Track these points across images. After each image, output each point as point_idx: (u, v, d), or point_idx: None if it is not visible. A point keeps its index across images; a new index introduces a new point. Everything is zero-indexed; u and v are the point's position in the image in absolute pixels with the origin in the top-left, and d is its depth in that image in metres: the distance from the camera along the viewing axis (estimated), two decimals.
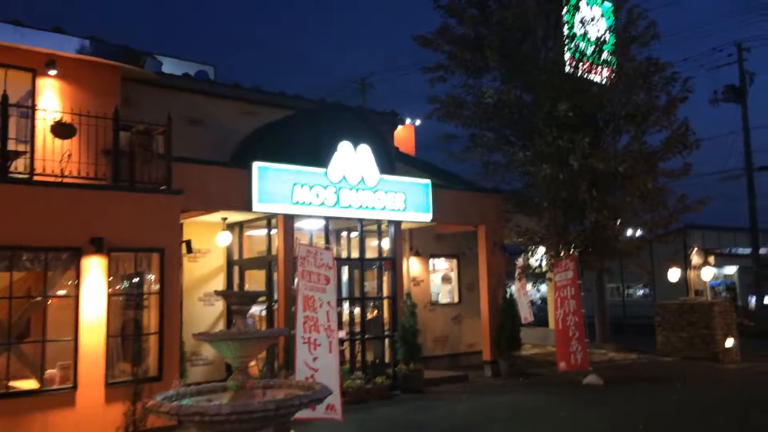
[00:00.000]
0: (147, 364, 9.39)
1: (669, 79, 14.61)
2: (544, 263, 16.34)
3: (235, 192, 11.22)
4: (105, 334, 8.87)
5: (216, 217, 12.11)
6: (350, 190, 12.50)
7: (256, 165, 11.36)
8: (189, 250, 11.48)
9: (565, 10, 15.19)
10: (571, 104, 13.71)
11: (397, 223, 13.55)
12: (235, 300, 6.49)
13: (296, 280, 8.77)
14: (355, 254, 13.88)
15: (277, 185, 11.60)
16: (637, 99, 14.72)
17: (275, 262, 12.02)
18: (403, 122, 16.76)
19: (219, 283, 13.10)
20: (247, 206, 11.25)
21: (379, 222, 13.61)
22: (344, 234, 14.90)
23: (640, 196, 14.31)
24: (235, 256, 13.16)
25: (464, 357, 16.75)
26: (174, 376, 9.22)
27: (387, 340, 13.53)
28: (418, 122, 22.20)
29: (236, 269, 13.15)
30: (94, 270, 8.76)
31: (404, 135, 20.12)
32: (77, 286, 8.73)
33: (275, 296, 12.06)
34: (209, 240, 12.71)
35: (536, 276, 17.12)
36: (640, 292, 38.20)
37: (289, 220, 11.88)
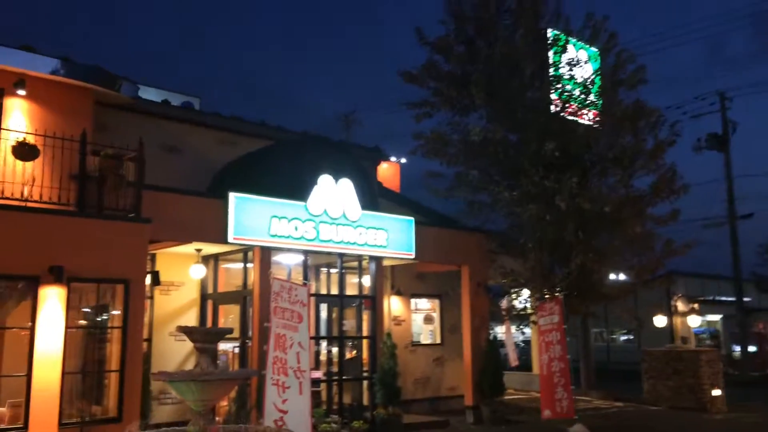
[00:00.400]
0: (106, 404, 8.76)
1: (655, 122, 14.48)
2: (528, 305, 15.92)
3: (211, 223, 10.76)
4: (61, 371, 8.25)
5: (190, 248, 11.61)
6: (330, 225, 12.08)
7: (233, 195, 10.94)
8: (157, 282, 10.96)
9: (552, 51, 15.10)
10: (558, 144, 13.48)
11: (378, 260, 13.12)
12: (198, 337, 5.99)
13: (270, 317, 8.27)
14: (335, 291, 13.38)
15: (254, 217, 11.16)
16: (623, 142, 14.55)
17: (250, 297, 11.50)
18: (386, 158, 16.48)
19: (192, 318, 12.53)
20: (222, 238, 10.77)
21: (360, 258, 13.18)
22: (324, 270, 14.43)
23: (629, 240, 14.01)
24: (210, 290, 12.61)
25: (445, 401, 16.15)
26: (134, 416, 8.61)
27: (366, 382, 12.95)
28: (403, 160, 21.97)
29: (210, 303, 12.59)
30: (52, 301, 8.18)
31: (389, 173, 19.85)
32: (33, 318, 8.14)
33: (249, 333, 11.49)
34: (182, 272, 12.17)
35: (520, 318, 16.66)
36: (624, 338, 37.86)
37: (266, 253, 11.40)
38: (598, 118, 15.17)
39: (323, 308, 14.11)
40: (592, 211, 13.52)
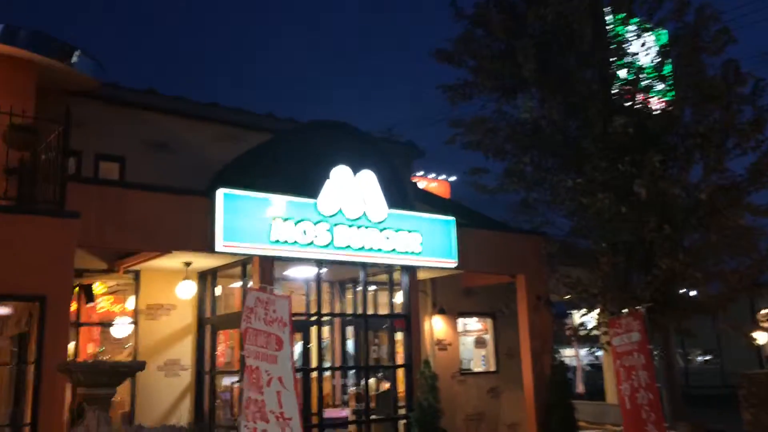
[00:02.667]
0: None
1: (754, 91, 11.62)
2: (595, 322, 13.22)
3: (194, 227, 8.59)
4: None
5: (177, 262, 9.46)
6: (349, 227, 9.76)
7: (221, 192, 8.75)
8: (90, 299, 8.82)
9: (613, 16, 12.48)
10: (631, 120, 10.83)
11: (411, 271, 10.69)
12: (82, 378, 3.71)
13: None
14: (369, 310, 10.98)
15: (249, 219, 8.93)
16: (713, 117, 11.74)
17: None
18: (422, 155, 14.09)
19: (187, 347, 10.35)
20: (209, 245, 8.58)
21: (389, 269, 10.79)
22: (350, 286, 12.09)
23: (726, 237, 11.13)
24: (208, 313, 10.41)
25: None
26: None
27: (403, 423, 10.46)
28: (453, 178, 19.74)
29: (208, 329, 10.37)
30: None
31: (439, 191, 17.67)
32: None
33: None
34: (173, 292, 10.03)
35: (590, 339, 13.86)
36: (701, 359, 34.26)
37: (266, 264, 9.14)
38: (672, 92, 12.42)
39: (349, 332, 11.78)
40: (680, 201, 10.78)
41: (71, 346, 9.79)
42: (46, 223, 6.60)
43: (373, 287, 12.25)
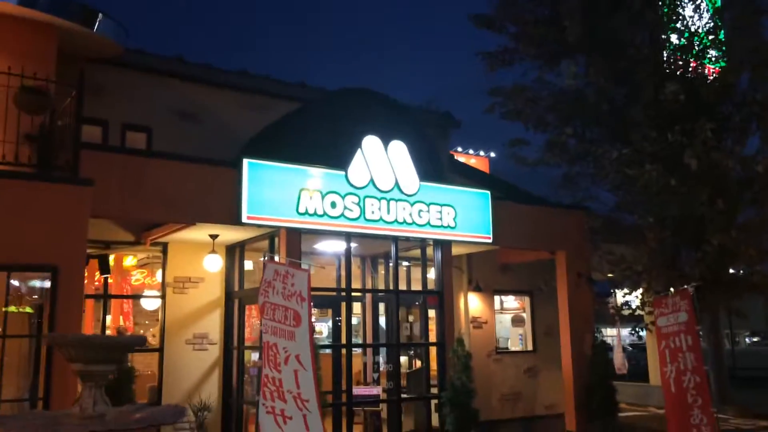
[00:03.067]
0: None
1: None
2: (638, 302, 12.63)
3: (219, 198, 8.30)
4: None
5: (202, 234, 9.22)
6: (380, 200, 9.36)
7: (246, 162, 8.43)
8: (104, 270, 8.61)
9: None
10: (683, 86, 10.11)
11: (444, 246, 10.25)
12: (74, 353, 3.42)
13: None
14: (401, 286, 10.59)
15: (276, 190, 8.61)
16: None
17: None
18: (458, 125, 13.53)
19: (215, 321, 10.15)
20: (234, 217, 8.28)
21: (422, 244, 10.38)
22: (382, 261, 11.73)
23: None
24: (236, 287, 10.18)
25: (542, 422, 13.03)
26: None
27: (434, 402, 10.12)
28: (492, 155, 19.11)
29: (236, 303, 10.15)
30: None
31: (477, 167, 17.09)
32: None
33: None
34: (201, 265, 9.82)
35: (630, 319, 13.29)
36: (749, 340, 33.11)
37: (293, 237, 8.82)
38: (726, 59, 11.59)
39: (382, 309, 11.46)
40: (734, 174, 10.09)
41: (107, 318, 9.74)
42: (58, 191, 6.35)
43: (405, 263, 11.89)
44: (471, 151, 19.21)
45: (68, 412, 3.46)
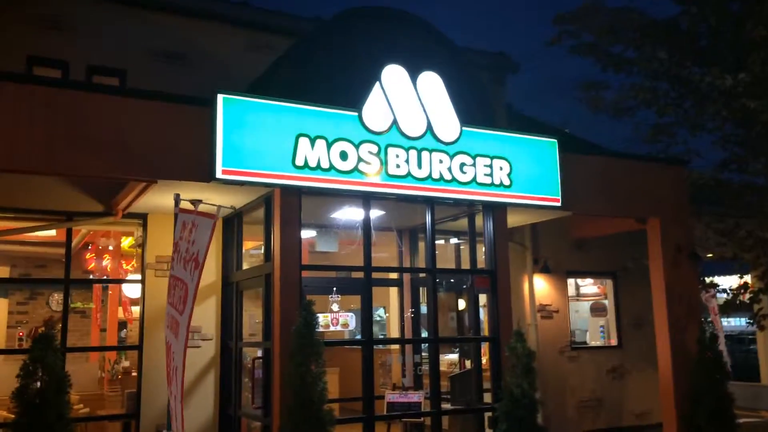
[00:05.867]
0: None
1: None
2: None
3: (187, 147, 6.27)
4: None
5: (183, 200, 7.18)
6: (407, 150, 7.10)
7: (221, 98, 6.34)
8: None
9: None
10: None
11: (497, 211, 7.88)
12: None
13: None
14: (443, 265, 8.31)
15: (264, 136, 6.49)
16: None
17: (272, 277, 6.82)
18: (516, 69, 11.02)
19: (210, 311, 8.17)
20: (204, 171, 6.22)
21: (470, 210, 8.07)
22: (423, 236, 9.44)
23: None
24: (234, 269, 8.14)
25: None
26: None
27: (488, 415, 7.78)
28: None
29: (235, 289, 8.11)
30: None
31: None
32: None
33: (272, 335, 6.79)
34: None
35: (734, 309, 10.51)
36: None
37: (290, 199, 6.69)
38: None
39: (422, 293, 9.21)
40: None
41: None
42: None
43: (454, 239, 9.60)
44: None
45: None
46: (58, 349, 5.72)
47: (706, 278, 10.01)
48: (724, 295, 10.53)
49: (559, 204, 8.07)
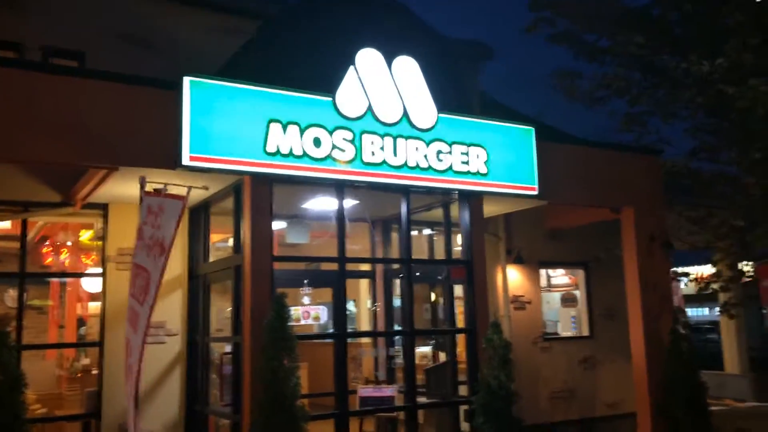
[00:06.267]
0: None
1: None
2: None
3: (150, 132, 5.94)
4: None
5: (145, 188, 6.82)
6: (383, 137, 6.87)
7: (188, 81, 6.01)
8: None
9: None
10: None
11: (473, 200, 7.72)
12: None
13: None
14: (418, 256, 8.07)
15: (233, 121, 6.18)
16: None
17: (242, 268, 6.53)
18: (491, 56, 10.88)
19: (174, 306, 7.82)
20: (172, 159, 5.89)
21: (445, 199, 7.89)
22: (397, 227, 9.24)
23: None
24: (201, 262, 7.81)
25: (605, 424, 10.46)
26: None
27: (464, 408, 7.63)
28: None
29: (201, 283, 7.78)
30: None
31: None
32: None
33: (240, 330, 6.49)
34: None
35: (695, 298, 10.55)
36: None
37: (260, 188, 6.40)
38: None
39: (396, 285, 9.00)
40: None
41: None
42: None
43: (428, 230, 9.42)
44: None
45: None
46: (13, 347, 5.36)
47: (677, 268, 10.07)
48: (692, 285, 10.61)
49: (536, 192, 7.94)
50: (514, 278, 10.25)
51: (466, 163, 7.37)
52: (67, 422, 7.68)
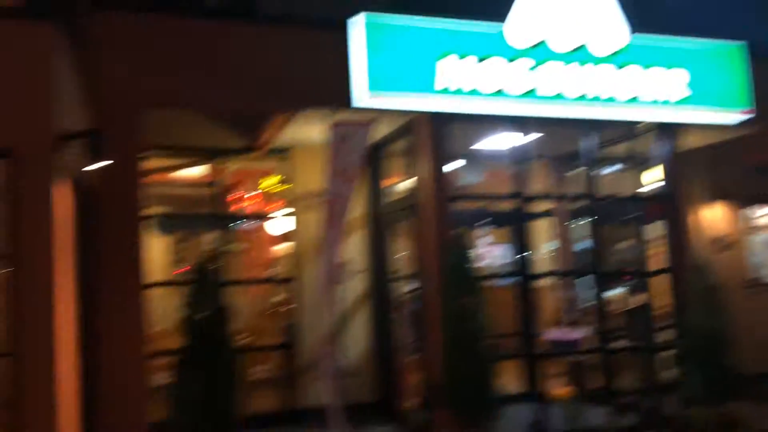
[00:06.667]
0: None
1: None
2: None
3: (325, 73, 5.96)
4: None
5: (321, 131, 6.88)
6: (567, 64, 6.33)
7: (362, 18, 5.89)
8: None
9: None
10: None
11: (671, 130, 6.93)
12: None
13: None
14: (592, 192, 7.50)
15: (403, 59, 6.01)
16: None
17: (420, 208, 6.43)
18: None
19: (357, 247, 7.93)
20: (345, 99, 5.87)
21: (640, 129, 7.17)
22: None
23: None
24: (381, 202, 7.82)
25: None
26: None
27: (664, 355, 7.06)
28: None
29: (380, 224, 7.80)
30: None
31: None
32: None
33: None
34: None
35: None
36: None
37: (434, 125, 6.21)
38: None
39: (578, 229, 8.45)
40: None
41: None
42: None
43: (611, 168, 8.65)
44: None
45: None
46: (218, 283, 5.75)
47: None
48: None
49: (752, 116, 6.93)
50: (713, 218, 9.22)
51: (662, 88, 6.58)
52: (267, 352, 8.22)
